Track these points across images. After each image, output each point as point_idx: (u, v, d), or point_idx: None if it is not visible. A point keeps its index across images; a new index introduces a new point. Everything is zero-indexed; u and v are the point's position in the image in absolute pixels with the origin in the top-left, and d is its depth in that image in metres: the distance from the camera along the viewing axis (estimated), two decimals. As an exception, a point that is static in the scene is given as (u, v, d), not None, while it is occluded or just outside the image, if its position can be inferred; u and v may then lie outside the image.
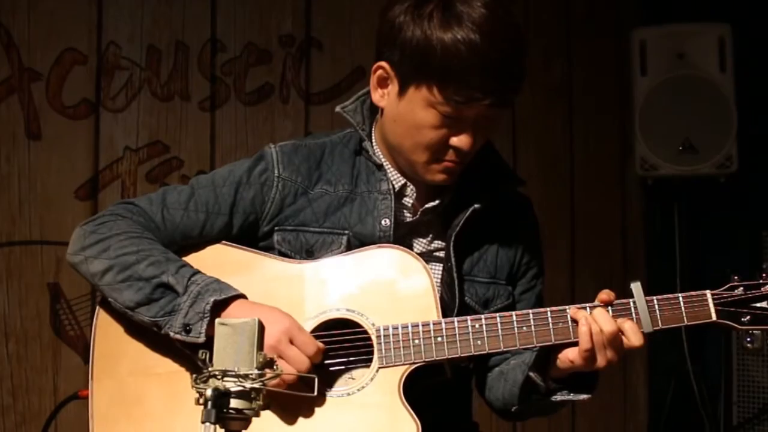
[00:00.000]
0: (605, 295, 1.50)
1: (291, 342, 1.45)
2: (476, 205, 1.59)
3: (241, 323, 1.23)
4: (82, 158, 2.88)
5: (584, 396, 1.54)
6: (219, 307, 1.45)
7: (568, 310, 1.49)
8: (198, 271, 1.51)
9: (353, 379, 1.53)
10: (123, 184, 2.91)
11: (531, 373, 1.54)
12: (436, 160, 1.53)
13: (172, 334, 1.46)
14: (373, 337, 1.50)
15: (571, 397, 1.54)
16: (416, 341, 1.49)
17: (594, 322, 1.45)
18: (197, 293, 1.46)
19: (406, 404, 1.46)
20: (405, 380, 1.48)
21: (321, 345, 1.47)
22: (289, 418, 1.47)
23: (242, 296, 1.49)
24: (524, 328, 1.49)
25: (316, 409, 1.48)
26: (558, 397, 1.54)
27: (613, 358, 1.46)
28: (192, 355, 1.48)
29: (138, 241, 1.52)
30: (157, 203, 1.60)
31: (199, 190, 1.60)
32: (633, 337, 1.45)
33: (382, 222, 1.58)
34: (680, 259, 3.25)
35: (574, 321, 1.48)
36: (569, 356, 1.48)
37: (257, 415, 1.21)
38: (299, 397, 1.43)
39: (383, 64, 1.52)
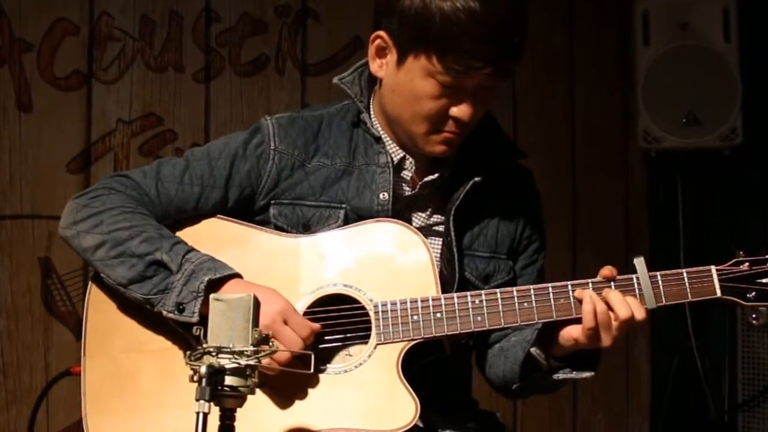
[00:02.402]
0: (608, 271, 1.48)
1: (285, 323, 1.43)
2: (476, 178, 1.57)
3: (236, 299, 1.23)
4: (74, 131, 2.85)
5: (587, 374, 1.52)
6: (213, 286, 1.43)
7: (569, 286, 1.47)
8: (192, 249, 1.49)
9: (350, 355, 1.51)
10: (116, 157, 2.89)
11: (533, 350, 1.52)
12: (435, 131, 1.52)
13: (165, 312, 1.45)
14: (371, 313, 1.49)
15: (574, 375, 1.52)
16: (415, 317, 1.47)
17: (599, 301, 1.43)
18: (191, 272, 1.44)
19: (404, 382, 1.45)
20: (403, 357, 1.47)
21: (315, 326, 1.46)
22: (285, 395, 1.46)
23: (237, 275, 1.47)
24: (525, 304, 1.48)
25: (313, 387, 1.47)
26: (560, 376, 1.52)
27: (618, 336, 1.43)
28: (185, 333, 1.46)
29: (131, 216, 1.51)
30: (151, 176, 1.58)
31: (194, 163, 1.59)
32: (635, 312, 1.42)
33: (380, 196, 1.57)
34: (684, 233, 3.23)
35: (578, 299, 1.46)
36: (573, 334, 1.46)
37: (252, 392, 1.22)
38: (295, 374, 1.41)
39: (381, 33, 1.51)
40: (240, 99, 3.00)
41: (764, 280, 1.47)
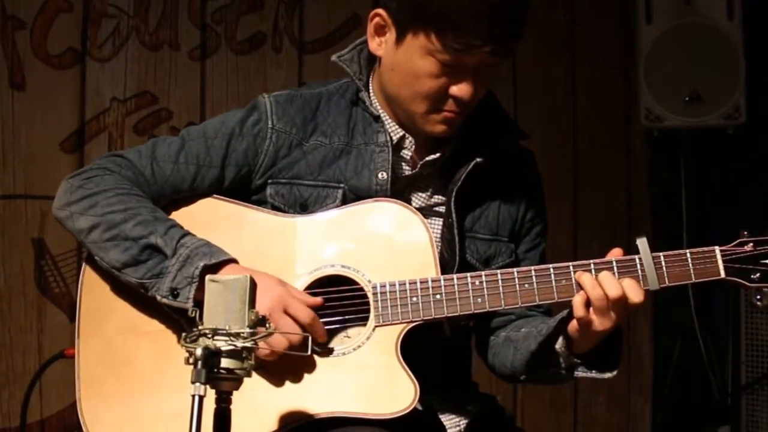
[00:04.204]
0: (617, 253, 1.46)
1: (285, 311, 1.41)
2: (478, 159, 1.56)
3: (232, 280, 1.22)
4: (68, 109, 2.83)
5: (608, 375, 1.49)
6: (208, 271, 1.41)
7: (571, 267, 1.45)
8: (187, 233, 1.48)
9: (348, 338, 1.50)
10: (110, 136, 2.87)
11: (557, 346, 1.49)
12: (435, 111, 1.50)
13: (159, 297, 1.43)
14: (370, 295, 1.47)
15: (594, 375, 1.49)
16: (414, 299, 1.46)
17: (595, 286, 1.39)
18: (186, 257, 1.42)
19: (403, 364, 1.43)
20: (402, 339, 1.45)
21: (317, 301, 1.45)
22: (282, 378, 1.45)
23: (233, 260, 1.45)
24: (526, 285, 1.46)
25: (310, 370, 1.45)
26: (579, 374, 1.50)
27: (616, 319, 1.41)
28: (180, 318, 1.45)
29: (126, 198, 1.49)
30: (146, 156, 1.56)
31: (189, 142, 1.57)
32: (633, 294, 1.39)
33: (379, 175, 1.55)
34: (687, 214, 3.23)
35: (578, 282, 1.43)
36: (575, 325, 1.43)
37: (249, 375, 1.20)
38: (293, 356, 1.39)
39: (380, 11, 1.50)
40: (236, 77, 2.97)
41: (768, 261, 1.45)
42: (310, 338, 1.37)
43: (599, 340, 1.44)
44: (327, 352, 1.46)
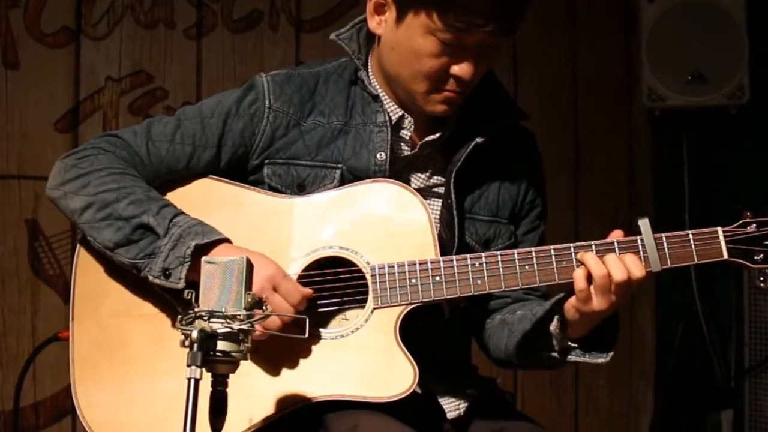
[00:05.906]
0: (618, 234, 1.44)
1: (275, 290, 1.40)
2: (479, 139, 1.54)
3: (228, 261, 1.20)
4: (62, 88, 2.81)
5: (601, 360, 1.47)
6: (201, 251, 1.40)
7: (572, 248, 1.43)
8: (181, 212, 1.46)
9: (347, 320, 1.49)
10: (105, 116, 2.85)
11: (552, 328, 1.47)
12: (436, 90, 1.49)
13: (151, 278, 1.42)
14: (368, 276, 1.46)
15: (587, 359, 1.47)
16: (413, 281, 1.45)
17: (599, 265, 1.38)
18: (178, 236, 1.41)
19: (402, 347, 1.42)
20: (401, 321, 1.44)
21: (307, 291, 1.44)
22: (280, 361, 1.44)
23: (226, 240, 1.44)
24: (527, 267, 1.44)
25: (308, 352, 1.44)
26: (572, 358, 1.48)
27: (616, 300, 1.39)
28: (172, 300, 1.44)
29: (119, 178, 1.48)
30: (141, 136, 1.55)
31: (185, 122, 1.56)
32: (634, 269, 1.38)
33: (378, 155, 1.54)
34: (689, 194, 3.21)
35: (580, 262, 1.41)
36: (572, 302, 1.41)
37: (245, 357, 1.19)
38: (290, 339, 1.38)
39: None
40: (232, 56, 2.96)
41: (772, 242, 1.44)
42: (307, 320, 1.35)
43: (594, 326, 1.43)
44: (325, 334, 1.45)
